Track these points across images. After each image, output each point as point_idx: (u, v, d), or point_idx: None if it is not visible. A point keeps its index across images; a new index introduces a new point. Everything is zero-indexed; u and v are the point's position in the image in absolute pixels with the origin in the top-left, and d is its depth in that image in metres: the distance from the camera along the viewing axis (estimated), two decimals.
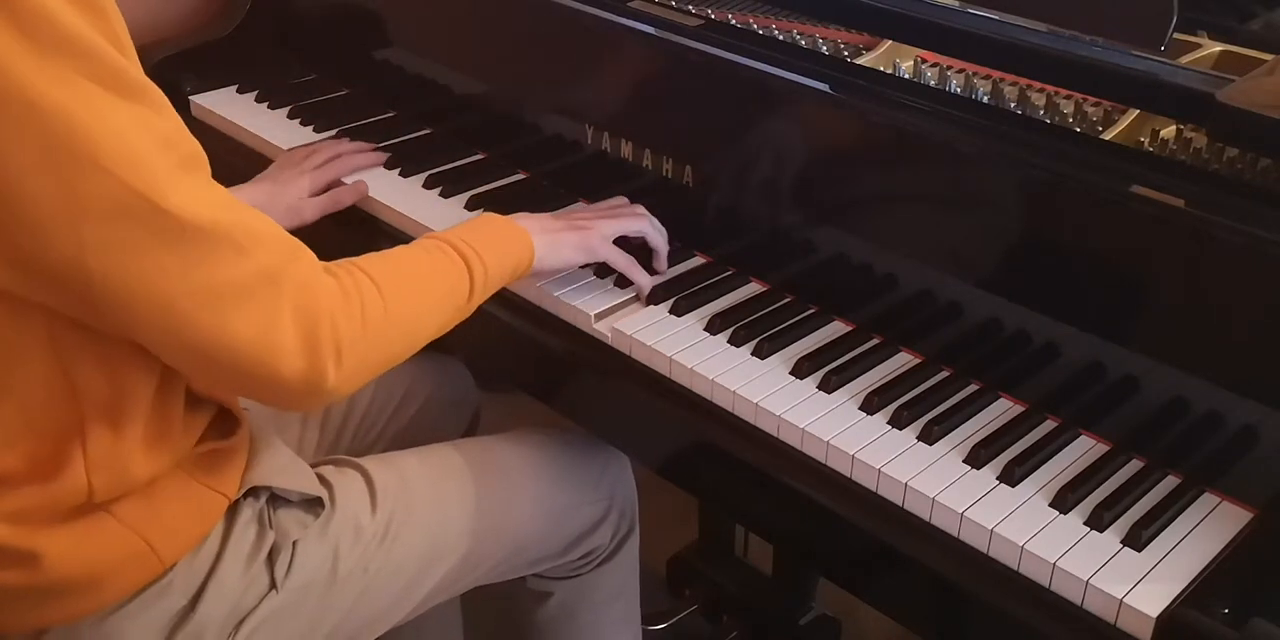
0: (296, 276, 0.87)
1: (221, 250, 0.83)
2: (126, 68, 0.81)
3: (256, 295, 0.85)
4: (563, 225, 1.18)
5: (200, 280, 0.83)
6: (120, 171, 0.79)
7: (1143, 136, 1.11)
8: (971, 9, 1.20)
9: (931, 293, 1.12)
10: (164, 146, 0.82)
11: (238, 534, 1.03)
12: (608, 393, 1.20)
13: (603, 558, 1.33)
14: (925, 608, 1.01)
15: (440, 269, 1.02)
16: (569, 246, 1.16)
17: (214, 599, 1.01)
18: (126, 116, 0.80)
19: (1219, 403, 0.97)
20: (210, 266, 0.83)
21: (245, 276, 0.84)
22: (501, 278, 1.09)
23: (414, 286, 0.98)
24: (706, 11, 1.34)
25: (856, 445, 1.02)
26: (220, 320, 0.84)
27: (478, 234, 1.08)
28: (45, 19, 0.76)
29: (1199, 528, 0.95)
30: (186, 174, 0.83)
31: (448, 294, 1.02)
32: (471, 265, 1.04)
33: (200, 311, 0.83)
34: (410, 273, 0.99)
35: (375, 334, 0.92)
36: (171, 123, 0.84)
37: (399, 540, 1.12)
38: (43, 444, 0.90)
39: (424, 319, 0.99)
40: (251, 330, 0.85)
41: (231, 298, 0.84)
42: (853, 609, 1.72)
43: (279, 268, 0.86)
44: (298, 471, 1.09)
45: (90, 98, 0.78)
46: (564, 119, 1.38)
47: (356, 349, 0.90)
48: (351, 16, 1.65)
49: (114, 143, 0.79)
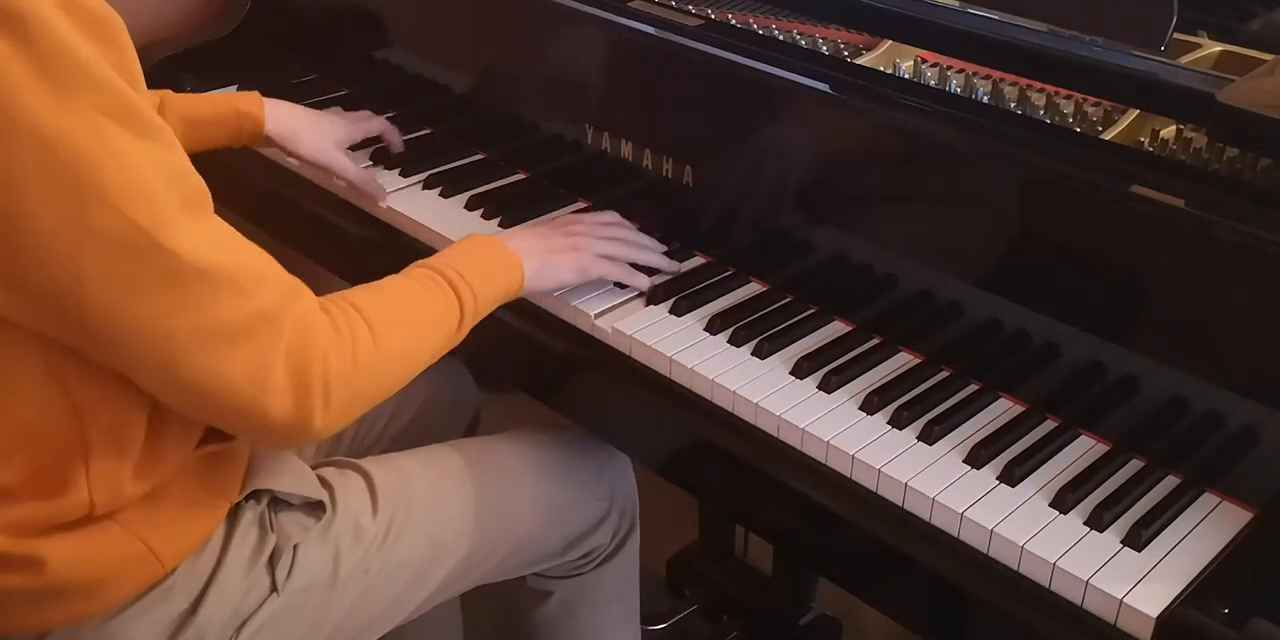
0: (295, 317, 0.87)
1: (222, 292, 0.83)
2: (138, 103, 0.81)
3: (254, 337, 0.85)
4: (555, 245, 1.17)
5: (198, 321, 0.83)
6: (126, 208, 0.79)
7: (1143, 136, 1.11)
8: (971, 9, 1.20)
9: (931, 293, 1.12)
10: (171, 184, 0.82)
11: (239, 537, 1.03)
12: (608, 393, 1.20)
13: (603, 557, 1.33)
14: (925, 608, 1.01)
15: (430, 302, 1.02)
16: (562, 268, 1.16)
17: (215, 602, 1.01)
18: (137, 152, 0.80)
19: (1219, 403, 0.97)
20: (210, 308, 0.83)
21: (244, 318, 0.84)
22: (491, 303, 1.08)
23: (405, 322, 0.98)
24: (706, 11, 1.33)
25: (856, 445, 1.02)
26: (214, 360, 0.84)
27: (467, 260, 1.07)
28: (61, 51, 0.77)
29: (1199, 528, 0.95)
30: (191, 212, 0.83)
31: (438, 327, 1.02)
32: (461, 295, 1.03)
33: (195, 351, 0.83)
34: (401, 307, 0.99)
35: (365, 374, 0.92)
36: (179, 160, 0.85)
37: (400, 541, 1.12)
38: (45, 461, 0.91)
39: (414, 354, 0.99)
40: (244, 371, 0.85)
41: (228, 339, 0.84)
42: (853, 609, 1.72)
43: (279, 309, 0.86)
44: (299, 475, 1.09)
45: (102, 131, 0.78)
46: (564, 119, 1.38)
47: (346, 390, 0.90)
48: (351, 16, 1.65)
49: (122, 178, 0.79)
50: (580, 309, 1.20)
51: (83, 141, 0.78)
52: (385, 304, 0.97)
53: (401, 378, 0.98)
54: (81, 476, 0.91)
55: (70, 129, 0.77)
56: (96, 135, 0.78)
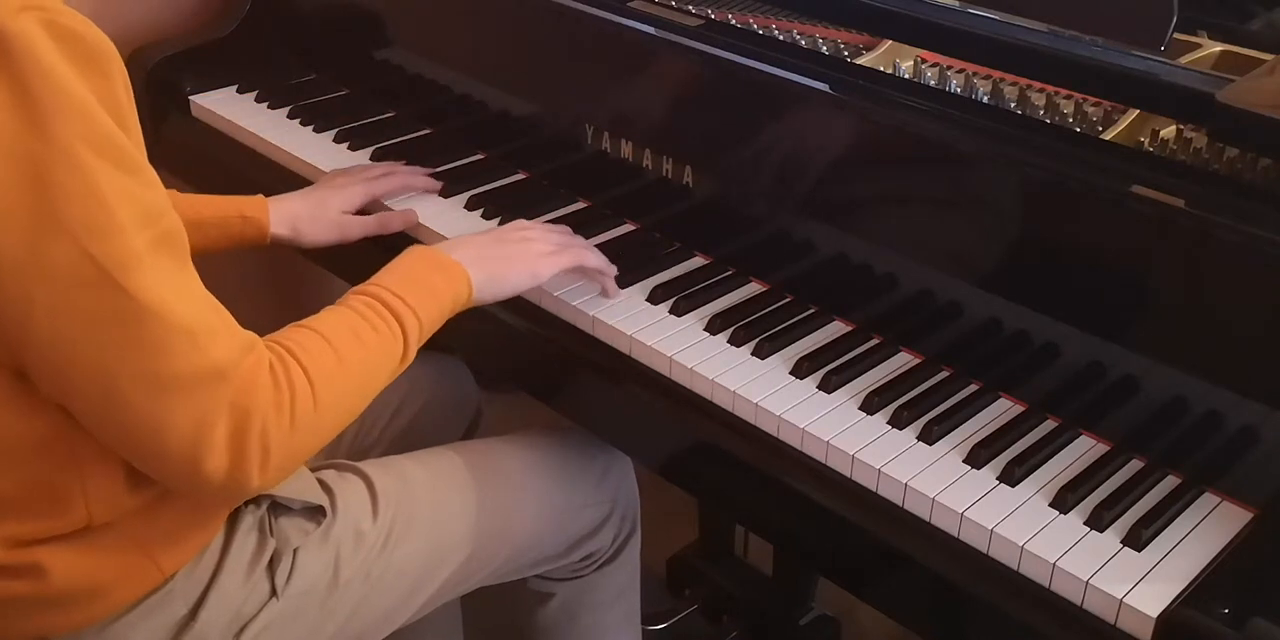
0: (242, 375, 0.85)
1: (175, 340, 0.81)
2: (119, 136, 0.80)
3: (200, 389, 0.83)
4: (502, 253, 1.13)
5: (146, 364, 0.81)
6: (86, 240, 0.77)
7: (1143, 136, 1.11)
8: (971, 9, 1.20)
9: (931, 293, 1.12)
10: (142, 222, 0.80)
11: (238, 542, 1.03)
12: (608, 393, 1.20)
13: (604, 559, 1.33)
14: (925, 608, 1.01)
15: (373, 338, 0.97)
16: (512, 273, 1.12)
17: (215, 607, 1.01)
18: (111, 185, 0.78)
19: (1219, 403, 0.97)
20: (160, 354, 0.81)
21: (193, 370, 0.82)
22: (438, 321, 1.05)
23: (347, 370, 0.94)
24: (706, 11, 1.33)
25: (856, 445, 1.02)
26: (157, 408, 0.82)
27: (407, 281, 1.03)
28: (43, 76, 0.75)
29: (1199, 528, 0.95)
30: (160, 253, 0.81)
31: (382, 363, 0.98)
32: (405, 322, 0.99)
33: (139, 394, 0.81)
34: (344, 353, 0.94)
35: (302, 433, 0.89)
36: (157, 199, 0.83)
37: (400, 546, 1.12)
38: (41, 476, 0.90)
39: (356, 397, 0.96)
40: (186, 422, 0.83)
41: (174, 387, 0.82)
42: (853, 609, 1.72)
43: (230, 365, 0.84)
44: (299, 479, 1.08)
45: (77, 160, 0.77)
46: (564, 119, 1.38)
47: (283, 450, 0.87)
48: (351, 17, 1.65)
49: (89, 209, 0.77)
50: (580, 309, 1.20)
51: (55, 169, 0.76)
52: (328, 353, 0.93)
53: (339, 426, 0.95)
54: (78, 490, 0.91)
55: (44, 155, 0.76)
56: (71, 163, 0.77)
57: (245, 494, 0.89)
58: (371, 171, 1.39)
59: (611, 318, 1.19)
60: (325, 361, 0.92)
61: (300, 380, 0.89)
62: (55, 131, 0.76)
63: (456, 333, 1.08)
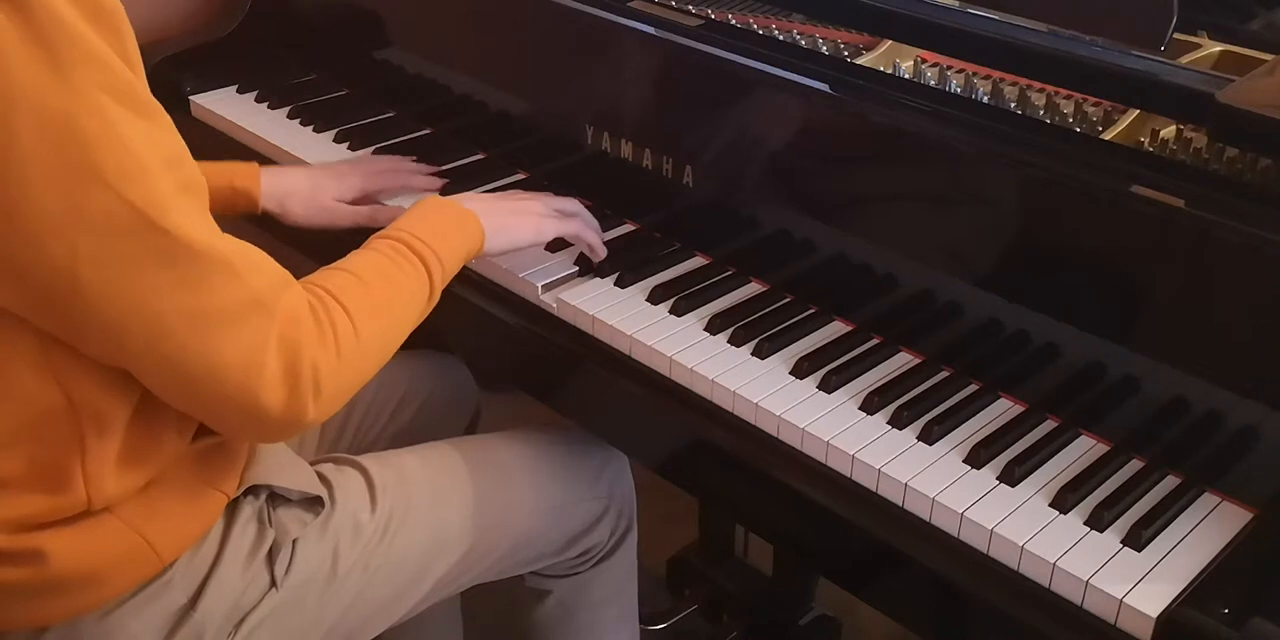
0: (286, 307, 0.88)
1: (216, 273, 0.84)
2: (137, 84, 0.81)
3: (247, 321, 0.85)
4: (509, 207, 1.19)
5: (192, 301, 0.83)
6: (121, 186, 0.79)
7: (1143, 136, 1.11)
8: (971, 9, 1.20)
9: (931, 293, 1.12)
10: (168, 166, 0.82)
11: (237, 532, 1.03)
12: (607, 392, 1.20)
13: (601, 556, 1.33)
14: (925, 608, 1.01)
15: (402, 278, 1.02)
16: (519, 227, 1.18)
17: (214, 597, 1.01)
18: (134, 131, 0.80)
19: (1219, 403, 0.97)
20: (204, 289, 0.83)
21: (237, 302, 0.85)
22: (457, 264, 1.09)
23: (382, 306, 0.98)
24: (706, 11, 1.33)
25: (856, 445, 1.02)
26: (208, 343, 0.84)
27: (427, 226, 1.07)
28: (60, 27, 0.76)
29: (1199, 528, 0.95)
30: (186, 197, 0.83)
31: (412, 301, 1.03)
32: (429, 264, 1.04)
33: (189, 332, 0.83)
34: (377, 291, 0.99)
35: (349, 365, 0.93)
36: (177, 145, 0.85)
37: (398, 538, 1.12)
38: (42, 455, 0.91)
39: (392, 335, 1.00)
40: (238, 356, 0.85)
41: (222, 321, 0.84)
42: (853, 609, 1.72)
43: (271, 296, 0.87)
44: (297, 470, 1.09)
45: (101, 108, 0.78)
46: (564, 119, 1.38)
47: (333, 382, 0.91)
48: (351, 16, 1.65)
49: (120, 157, 0.79)
50: (580, 309, 1.20)
51: (81, 118, 0.77)
52: (362, 291, 0.97)
53: (381, 361, 0.99)
54: (78, 470, 0.91)
55: (69, 106, 0.77)
56: (95, 112, 0.78)
57: (302, 426, 0.91)
58: (376, 165, 1.40)
59: (611, 318, 1.19)
60: (361, 299, 0.96)
61: (340, 316, 0.93)
62: (78, 81, 0.77)
63: (456, 333, 1.08)
